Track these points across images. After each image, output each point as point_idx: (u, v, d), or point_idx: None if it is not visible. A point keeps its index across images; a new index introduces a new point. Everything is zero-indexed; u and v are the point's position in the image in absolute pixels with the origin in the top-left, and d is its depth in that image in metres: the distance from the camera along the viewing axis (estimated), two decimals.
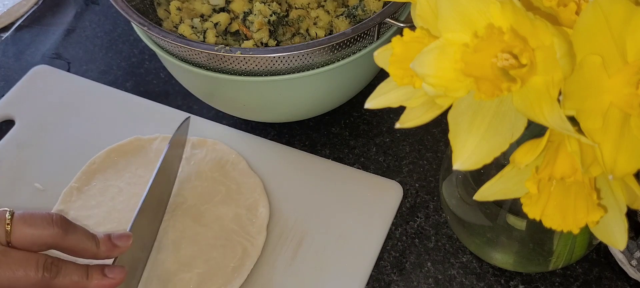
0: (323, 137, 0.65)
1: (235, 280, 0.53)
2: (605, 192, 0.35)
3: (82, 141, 0.65)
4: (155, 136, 0.63)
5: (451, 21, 0.32)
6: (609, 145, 0.31)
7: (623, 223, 0.35)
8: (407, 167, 0.62)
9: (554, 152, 0.34)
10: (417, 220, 0.58)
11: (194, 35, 0.59)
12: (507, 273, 0.55)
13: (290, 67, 0.53)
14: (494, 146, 0.32)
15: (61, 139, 0.65)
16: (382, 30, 0.55)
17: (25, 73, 0.73)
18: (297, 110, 0.61)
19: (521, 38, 0.30)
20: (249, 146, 0.63)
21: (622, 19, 0.29)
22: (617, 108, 0.31)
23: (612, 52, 0.30)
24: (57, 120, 0.67)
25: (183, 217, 0.57)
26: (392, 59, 0.33)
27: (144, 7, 0.61)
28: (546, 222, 0.35)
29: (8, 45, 0.77)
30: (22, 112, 0.68)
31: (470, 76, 0.31)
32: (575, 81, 0.30)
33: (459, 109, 0.33)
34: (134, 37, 0.77)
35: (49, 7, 0.82)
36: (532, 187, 0.34)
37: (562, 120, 0.30)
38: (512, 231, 0.49)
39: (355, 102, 0.66)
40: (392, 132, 0.65)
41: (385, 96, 0.36)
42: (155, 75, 0.72)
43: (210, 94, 0.61)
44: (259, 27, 0.58)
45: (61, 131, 0.66)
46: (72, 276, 0.45)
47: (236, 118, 0.66)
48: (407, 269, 0.55)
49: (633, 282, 0.53)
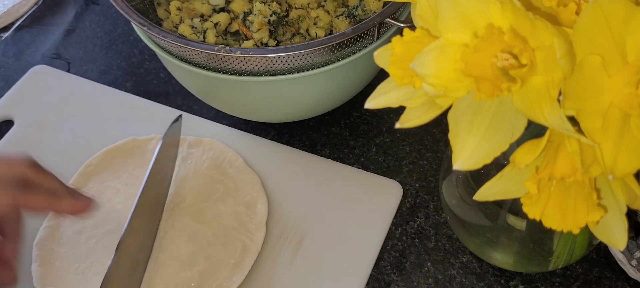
0: (323, 137, 0.65)
1: (236, 276, 0.53)
2: (605, 192, 0.35)
3: (82, 141, 0.65)
4: (151, 136, 0.63)
5: (451, 21, 0.32)
6: (609, 145, 0.31)
7: (623, 223, 0.35)
8: (407, 167, 0.62)
9: (554, 152, 0.34)
10: (417, 220, 0.58)
11: (194, 35, 0.59)
12: (507, 273, 0.55)
13: (290, 67, 0.53)
14: (494, 146, 0.32)
15: (60, 139, 0.65)
16: (382, 30, 0.55)
17: (25, 73, 0.73)
18: (297, 110, 0.61)
19: (521, 38, 0.30)
20: (249, 146, 0.63)
21: (622, 19, 0.29)
22: (617, 108, 0.31)
23: (612, 52, 0.30)
24: (56, 121, 0.67)
25: (182, 216, 0.57)
26: (392, 59, 0.33)
27: (144, 7, 0.61)
28: (546, 222, 0.35)
29: (8, 45, 0.77)
30: (21, 112, 0.68)
31: (470, 76, 0.31)
32: (575, 81, 0.30)
33: (459, 109, 0.33)
34: (134, 37, 0.77)
35: (49, 7, 0.82)
36: (532, 187, 0.34)
37: (562, 120, 0.30)
38: (512, 231, 0.49)
39: (355, 102, 0.66)
40: (392, 132, 0.65)
41: (385, 96, 0.36)
42: (155, 75, 0.72)
43: (210, 94, 0.61)
44: (259, 27, 0.58)
45: (60, 131, 0.66)
46: (43, 195, 0.47)
47: (236, 118, 0.66)
48: (407, 269, 0.55)
49: (633, 282, 0.53)
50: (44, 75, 0.72)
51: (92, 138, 0.64)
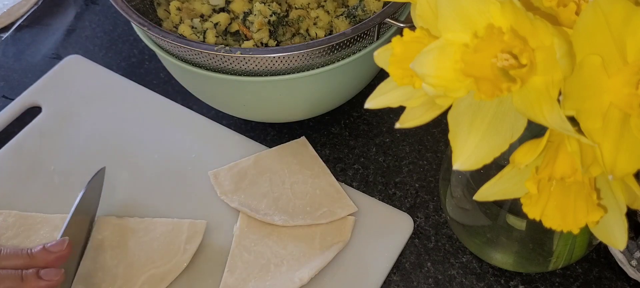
0: (323, 137, 0.65)
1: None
2: (605, 192, 0.35)
3: (104, 135, 0.65)
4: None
5: (451, 21, 0.32)
6: (609, 145, 0.31)
7: (623, 223, 0.35)
8: (407, 167, 0.62)
9: (554, 152, 0.34)
10: (417, 220, 0.58)
11: (194, 36, 0.59)
12: (507, 274, 0.55)
13: (290, 67, 0.53)
14: (494, 146, 0.32)
15: (83, 131, 0.66)
16: (382, 30, 0.55)
17: (25, 73, 0.73)
18: (297, 110, 0.61)
19: (521, 38, 0.30)
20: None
21: (622, 19, 0.29)
22: (617, 108, 0.31)
23: (612, 52, 0.30)
24: (82, 112, 0.67)
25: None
26: (392, 59, 0.33)
27: (144, 7, 0.61)
28: (546, 222, 0.35)
29: (8, 45, 0.77)
30: (50, 100, 0.68)
31: (470, 76, 0.31)
32: (575, 81, 0.30)
33: (459, 109, 0.33)
34: (134, 37, 0.77)
35: (49, 7, 0.82)
36: (532, 187, 0.34)
37: (562, 120, 0.30)
38: (512, 231, 0.49)
39: (355, 102, 0.66)
40: (392, 132, 0.65)
41: (385, 96, 0.36)
42: (155, 75, 0.72)
43: (210, 94, 0.61)
44: (259, 27, 0.58)
45: (85, 123, 0.66)
46: (5, 282, 0.46)
47: (236, 118, 0.66)
48: (407, 269, 0.55)
49: (633, 282, 0.53)
50: (78, 65, 0.72)
51: (114, 133, 0.65)
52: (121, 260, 0.55)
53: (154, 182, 0.61)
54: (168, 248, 0.55)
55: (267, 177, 0.60)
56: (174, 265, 0.54)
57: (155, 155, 0.63)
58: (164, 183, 0.61)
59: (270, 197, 0.58)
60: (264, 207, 0.57)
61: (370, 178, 0.62)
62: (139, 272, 0.54)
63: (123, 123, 0.66)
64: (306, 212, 0.57)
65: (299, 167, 0.60)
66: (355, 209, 0.57)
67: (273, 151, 0.62)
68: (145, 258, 0.55)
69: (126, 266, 0.54)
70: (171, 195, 0.60)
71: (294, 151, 0.62)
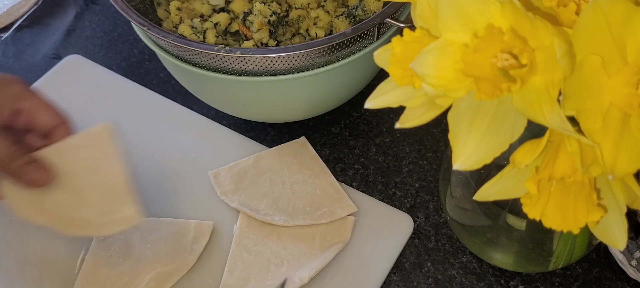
0: (323, 137, 0.65)
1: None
2: (605, 192, 0.35)
3: None
4: None
5: (451, 21, 0.32)
6: (609, 145, 0.31)
7: (623, 223, 0.35)
8: (407, 167, 0.62)
9: (554, 152, 0.34)
10: (417, 220, 0.58)
11: (194, 35, 0.59)
12: (507, 273, 0.55)
13: (290, 67, 0.53)
14: (494, 146, 0.32)
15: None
16: (382, 30, 0.55)
17: (25, 73, 0.73)
18: (297, 110, 0.61)
19: (521, 38, 0.30)
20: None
21: (622, 19, 0.29)
22: (617, 108, 0.31)
23: (612, 52, 0.30)
24: (82, 112, 0.67)
25: None
26: (392, 59, 0.33)
27: (144, 7, 0.61)
28: (546, 222, 0.35)
29: (8, 45, 0.77)
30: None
31: (470, 76, 0.31)
32: (575, 81, 0.30)
33: (459, 109, 0.33)
34: (134, 37, 0.77)
35: (49, 7, 0.82)
36: (532, 187, 0.34)
37: (562, 120, 0.30)
38: (512, 231, 0.49)
39: (355, 102, 0.66)
40: (392, 132, 0.65)
41: (385, 96, 0.36)
42: (155, 75, 0.72)
43: (210, 94, 0.61)
44: (259, 27, 0.58)
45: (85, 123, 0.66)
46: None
47: (236, 118, 0.66)
48: (407, 269, 0.55)
49: (633, 282, 0.53)
50: (78, 65, 0.72)
51: None
52: (127, 257, 0.55)
53: (154, 181, 0.61)
54: (175, 247, 0.55)
55: (267, 177, 0.60)
56: (180, 264, 0.54)
57: (156, 155, 0.63)
58: (164, 183, 0.61)
59: (270, 197, 0.58)
60: (264, 207, 0.57)
61: (370, 178, 0.62)
62: (146, 270, 0.54)
63: (123, 123, 0.66)
64: (306, 212, 0.57)
65: (299, 167, 0.60)
66: (355, 209, 0.57)
67: (273, 151, 0.62)
68: (152, 257, 0.55)
69: (132, 263, 0.54)
70: (171, 195, 0.60)
71: (294, 151, 0.62)
